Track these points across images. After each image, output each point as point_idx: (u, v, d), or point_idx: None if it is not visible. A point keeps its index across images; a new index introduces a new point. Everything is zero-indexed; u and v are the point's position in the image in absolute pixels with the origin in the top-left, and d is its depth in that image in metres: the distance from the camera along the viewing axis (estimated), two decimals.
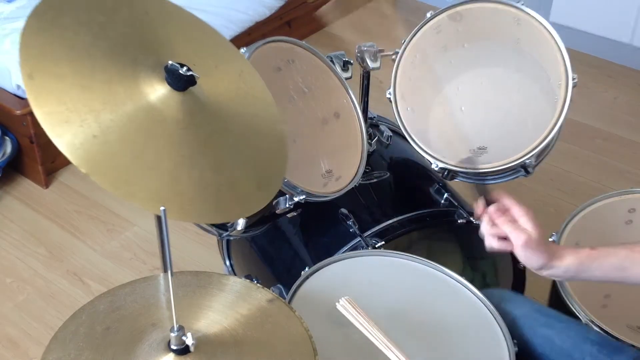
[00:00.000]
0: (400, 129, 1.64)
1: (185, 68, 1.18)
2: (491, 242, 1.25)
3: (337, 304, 1.21)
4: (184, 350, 1.03)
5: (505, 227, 1.22)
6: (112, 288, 1.17)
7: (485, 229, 1.26)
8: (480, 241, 1.29)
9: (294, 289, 1.35)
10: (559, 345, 1.30)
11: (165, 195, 1.14)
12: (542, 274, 1.23)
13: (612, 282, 1.24)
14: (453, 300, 1.36)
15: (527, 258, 1.21)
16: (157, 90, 1.18)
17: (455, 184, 1.77)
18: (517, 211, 1.24)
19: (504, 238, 1.23)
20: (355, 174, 1.63)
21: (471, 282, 1.40)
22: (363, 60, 1.73)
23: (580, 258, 1.21)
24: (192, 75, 1.18)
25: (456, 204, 1.73)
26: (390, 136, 1.85)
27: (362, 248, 1.59)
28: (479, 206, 1.28)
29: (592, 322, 1.48)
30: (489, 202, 1.27)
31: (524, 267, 1.76)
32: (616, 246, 1.21)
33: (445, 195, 1.74)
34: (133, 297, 1.15)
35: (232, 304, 1.15)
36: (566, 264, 1.21)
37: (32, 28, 1.13)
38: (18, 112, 2.42)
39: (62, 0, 1.18)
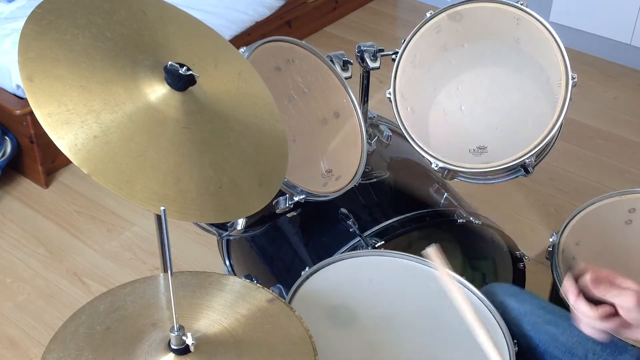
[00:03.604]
0: (400, 129, 1.64)
1: (185, 68, 1.18)
2: (601, 325, 1.05)
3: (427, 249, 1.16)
4: (184, 350, 1.03)
5: (609, 296, 1.03)
6: (112, 288, 1.17)
7: (585, 314, 1.05)
8: (480, 241, 1.29)
9: (294, 289, 1.35)
10: (563, 343, 1.30)
11: (167, 194, 1.14)
12: None
13: None
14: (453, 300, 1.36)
15: None
16: (157, 91, 1.18)
17: (456, 184, 1.77)
18: (610, 275, 1.05)
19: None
20: (355, 174, 1.63)
21: (471, 282, 1.40)
22: (363, 60, 1.73)
23: None
24: (192, 75, 1.18)
25: (456, 203, 1.72)
26: (390, 136, 1.85)
27: (362, 248, 1.59)
28: (570, 287, 1.07)
29: None
30: (576, 278, 1.07)
31: (524, 267, 1.76)
32: None
33: (445, 195, 1.74)
34: (133, 297, 1.15)
35: (232, 304, 1.15)
36: None
37: (30, 32, 1.13)
38: (18, 112, 2.42)
39: (59, 4, 1.18)
